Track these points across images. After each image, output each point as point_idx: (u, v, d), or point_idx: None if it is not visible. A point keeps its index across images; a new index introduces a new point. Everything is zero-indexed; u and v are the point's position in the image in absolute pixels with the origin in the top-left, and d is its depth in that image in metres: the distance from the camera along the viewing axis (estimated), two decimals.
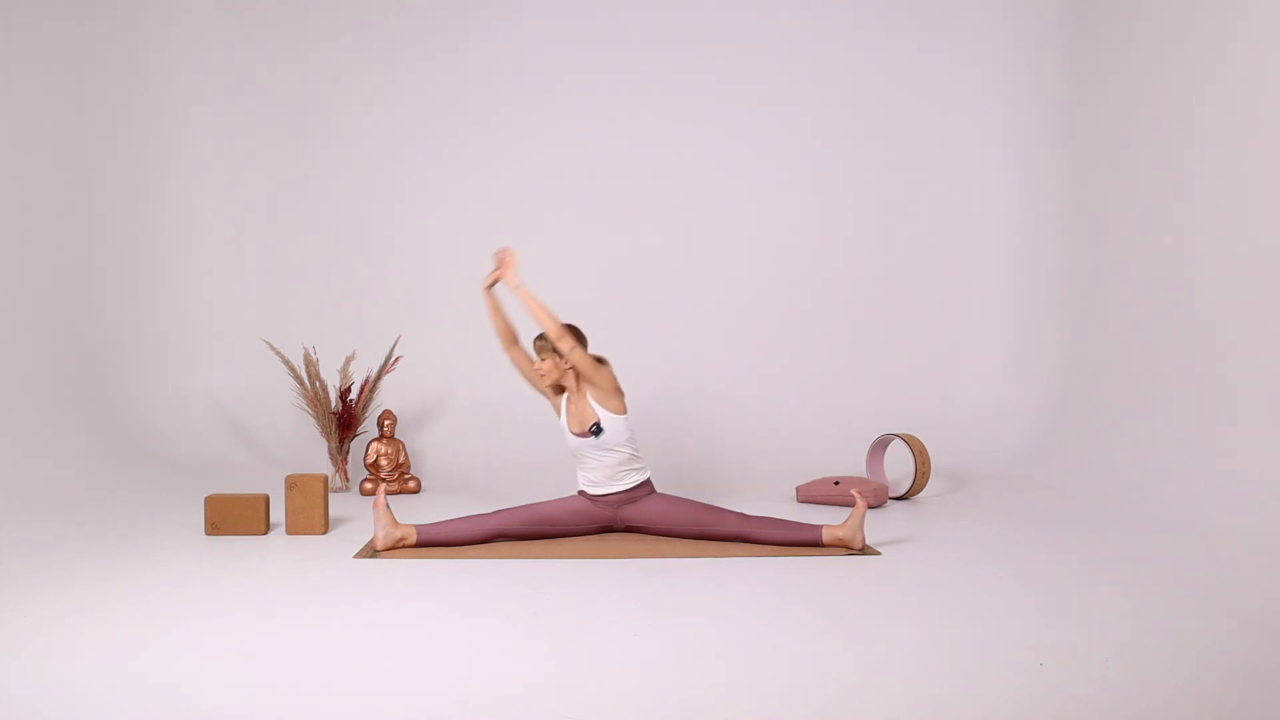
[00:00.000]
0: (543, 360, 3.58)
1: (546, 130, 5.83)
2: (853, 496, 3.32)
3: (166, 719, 1.87)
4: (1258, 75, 3.97)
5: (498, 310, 3.70)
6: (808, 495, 4.38)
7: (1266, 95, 3.92)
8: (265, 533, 3.62)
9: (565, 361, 3.50)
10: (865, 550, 3.30)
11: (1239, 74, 4.07)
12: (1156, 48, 4.63)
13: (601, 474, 3.52)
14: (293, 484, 3.64)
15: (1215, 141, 4.22)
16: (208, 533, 3.60)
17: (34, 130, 4.88)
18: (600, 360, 3.57)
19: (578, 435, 3.52)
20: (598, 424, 3.47)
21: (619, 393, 3.53)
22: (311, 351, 5.08)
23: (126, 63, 5.53)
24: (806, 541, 3.32)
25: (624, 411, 3.53)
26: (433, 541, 3.36)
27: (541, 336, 3.57)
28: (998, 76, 5.76)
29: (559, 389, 3.63)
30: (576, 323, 3.71)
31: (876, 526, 3.75)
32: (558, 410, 3.63)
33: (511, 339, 3.70)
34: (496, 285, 3.68)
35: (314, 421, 5.15)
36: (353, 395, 5.03)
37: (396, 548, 3.32)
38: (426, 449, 5.49)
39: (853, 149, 5.83)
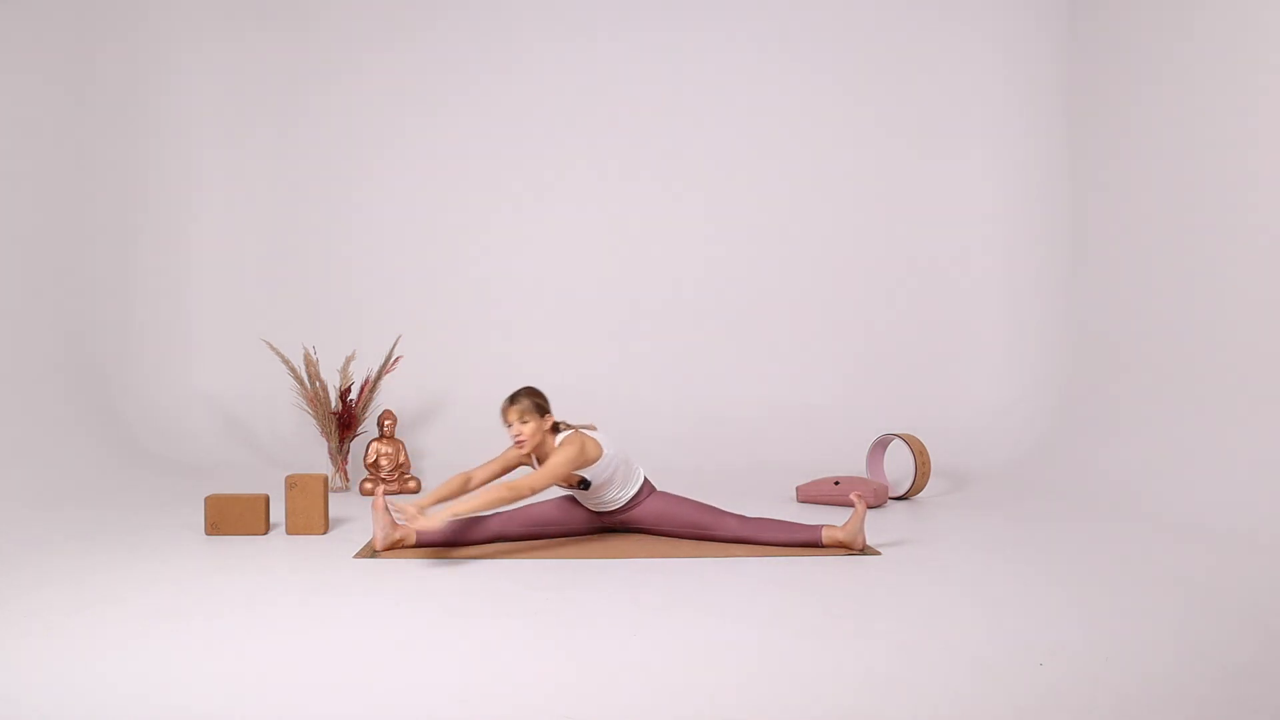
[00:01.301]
0: (524, 424, 3.27)
1: (549, 132, 5.83)
2: (852, 499, 3.32)
3: (166, 718, 1.87)
4: (1260, 72, 3.97)
5: (463, 504, 3.13)
6: (808, 495, 4.38)
7: (1269, 93, 3.92)
8: (265, 533, 3.62)
9: (541, 432, 3.28)
10: (865, 551, 3.30)
11: (1241, 70, 4.07)
12: (1158, 45, 4.63)
13: (601, 499, 3.48)
14: (293, 484, 3.64)
15: (1218, 142, 4.22)
16: (208, 533, 3.60)
17: (32, 130, 4.88)
18: (554, 427, 3.38)
19: (567, 488, 3.43)
20: (583, 480, 3.33)
21: (584, 447, 3.27)
22: (311, 351, 5.09)
23: (126, 63, 5.53)
24: (806, 542, 3.31)
25: (601, 452, 3.31)
26: (432, 542, 3.36)
27: (511, 400, 3.31)
28: (997, 78, 5.77)
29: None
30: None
31: (876, 526, 3.75)
32: (534, 466, 3.44)
33: (465, 484, 3.33)
34: (443, 516, 3.12)
35: (314, 421, 5.15)
36: (353, 395, 5.03)
37: (396, 548, 3.32)
38: (426, 449, 5.49)
39: (854, 150, 5.83)
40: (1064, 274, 5.49)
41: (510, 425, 3.29)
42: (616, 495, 3.47)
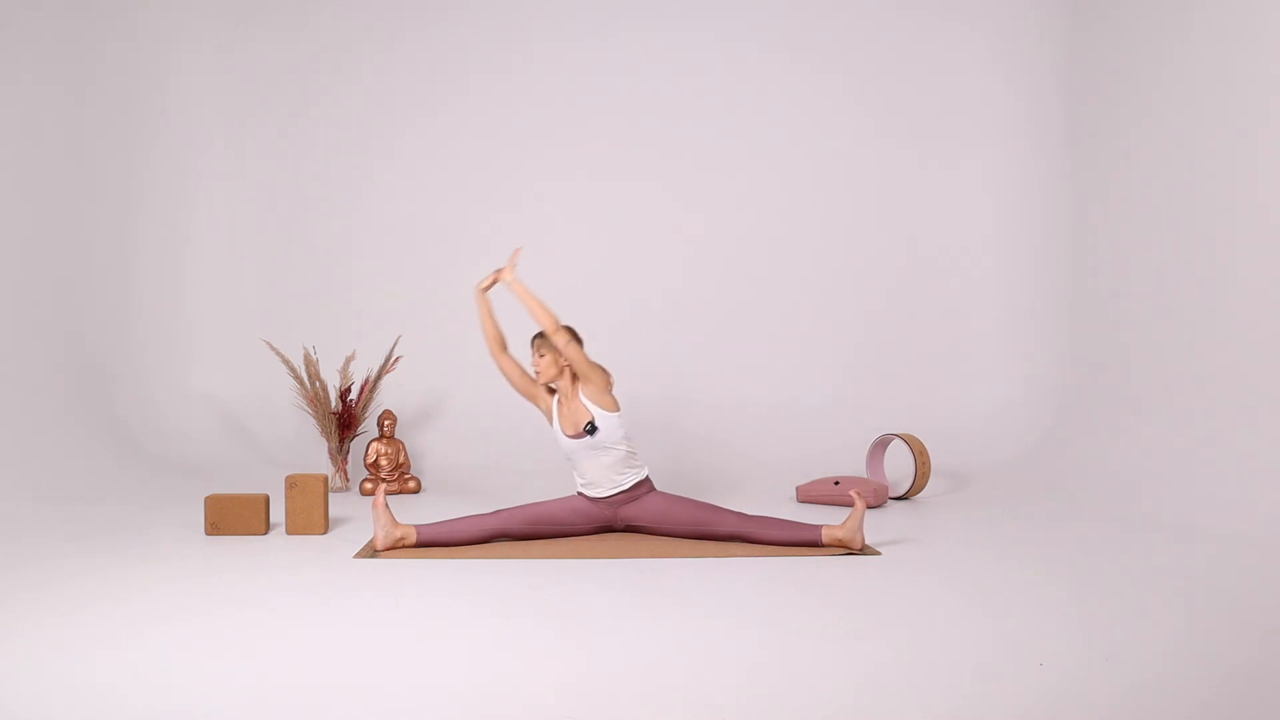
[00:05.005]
0: (540, 357, 3.54)
1: (549, 130, 5.83)
2: (851, 497, 3.32)
3: (165, 718, 1.87)
4: (1261, 72, 3.97)
5: (490, 315, 3.67)
6: (808, 495, 4.38)
7: (1271, 93, 3.92)
8: (265, 533, 3.62)
9: (562, 358, 3.47)
10: (865, 550, 3.30)
11: (1242, 71, 4.07)
12: (1158, 46, 4.63)
13: (598, 474, 3.49)
14: (293, 484, 3.64)
15: (1218, 141, 4.22)
16: (208, 533, 3.60)
17: (33, 130, 4.88)
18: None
19: (572, 437, 3.47)
20: (592, 423, 3.42)
21: (610, 390, 3.51)
22: (311, 351, 5.08)
23: (126, 63, 5.53)
24: (806, 541, 3.32)
25: (617, 409, 3.49)
26: (433, 541, 3.36)
27: (541, 334, 3.54)
28: (997, 80, 5.76)
29: (550, 390, 3.60)
30: (576, 323, 3.71)
31: (876, 526, 3.74)
32: (548, 415, 3.58)
33: (501, 345, 3.67)
34: (494, 285, 3.63)
35: (314, 421, 5.15)
36: (353, 395, 5.03)
37: (396, 548, 3.32)
38: (426, 449, 5.49)
39: (854, 149, 5.83)
40: (1064, 274, 5.49)
41: (531, 355, 3.57)
42: (617, 476, 3.49)
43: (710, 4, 5.83)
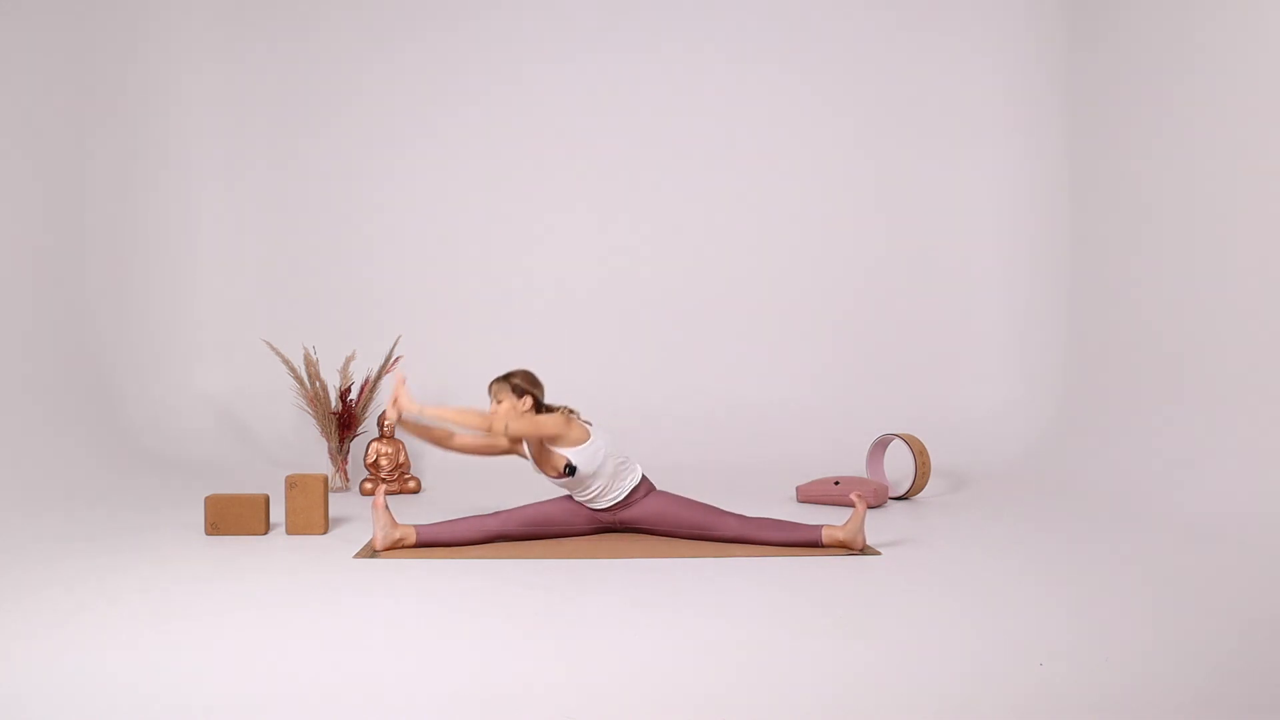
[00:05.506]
0: (498, 404, 3.44)
1: (548, 131, 5.83)
2: (852, 499, 3.32)
3: (165, 718, 1.87)
4: (1262, 71, 3.97)
5: (422, 429, 3.49)
6: (808, 495, 4.38)
7: (1272, 92, 3.92)
8: (265, 533, 3.62)
9: (517, 412, 3.37)
10: (865, 550, 3.30)
11: (1243, 70, 4.07)
12: (1160, 45, 4.63)
13: (596, 491, 3.47)
14: (293, 484, 3.64)
15: (1217, 141, 4.22)
16: (208, 533, 3.60)
17: (31, 130, 4.88)
18: (540, 406, 3.49)
19: (555, 478, 3.44)
20: (569, 464, 3.34)
21: (569, 424, 3.37)
22: (311, 351, 5.09)
23: (124, 62, 5.53)
24: (806, 542, 3.31)
25: (588, 436, 3.38)
26: (432, 542, 3.36)
27: (495, 380, 3.48)
28: (998, 80, 5.76)
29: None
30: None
31: (876, 526, 3.74)
32: (524, 454, 3.51)
33: (449, 436, 3.53)
34: (405, 415, 3.41)
35: (314, 421, 5.15)
36: (353, 395, 5.03)
37: (396, 548, 3.32)
38: (426, 449, 5.49)
39: (855, 150, 5.83)
40: (1064, 274, 5.49)
41: (490, 404, 3.47)
42: (611, 490, 3.47)
43: (710, 9, 5.83)
